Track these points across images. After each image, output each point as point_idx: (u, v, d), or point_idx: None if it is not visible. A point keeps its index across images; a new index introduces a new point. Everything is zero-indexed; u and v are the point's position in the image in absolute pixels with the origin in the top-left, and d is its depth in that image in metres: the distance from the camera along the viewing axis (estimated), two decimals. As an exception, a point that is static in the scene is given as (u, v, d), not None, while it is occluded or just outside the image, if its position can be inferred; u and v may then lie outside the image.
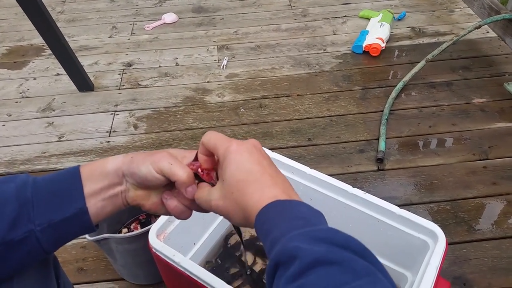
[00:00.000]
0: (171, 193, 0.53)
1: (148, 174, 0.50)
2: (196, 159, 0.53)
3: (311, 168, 1.01)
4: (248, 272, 1.08)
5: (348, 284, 0.34)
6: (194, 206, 0.53)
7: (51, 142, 1.59)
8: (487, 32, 2.02)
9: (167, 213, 0.54)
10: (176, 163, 0.50)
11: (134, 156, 0.52)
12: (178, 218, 0.54)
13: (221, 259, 1.10)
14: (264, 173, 0.47)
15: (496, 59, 1.87)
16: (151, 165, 0.50)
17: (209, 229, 1.09)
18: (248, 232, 1.15)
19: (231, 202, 0.47)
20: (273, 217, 0.43)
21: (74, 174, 0.51)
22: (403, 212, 0.92)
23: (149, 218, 1.25)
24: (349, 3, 2.29)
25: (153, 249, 0.86)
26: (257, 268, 1.09)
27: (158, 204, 0.54)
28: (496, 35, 1.99)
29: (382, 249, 0.98)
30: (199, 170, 0.52)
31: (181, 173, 0.50)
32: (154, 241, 0.86)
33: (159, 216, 1.27)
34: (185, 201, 0.52)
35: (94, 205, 0.50)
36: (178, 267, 0.83)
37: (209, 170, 0.53)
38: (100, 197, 0.51)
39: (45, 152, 1.55)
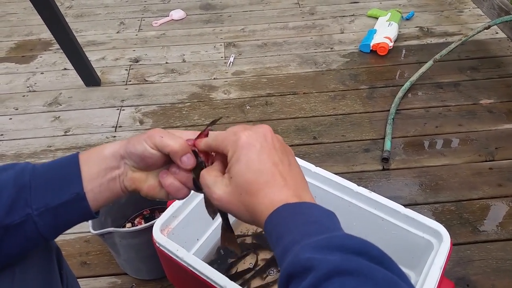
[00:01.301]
0: (167, 171, 0.52)
1: (145, 151, 0.49)
2: (198, 138, 0.51)
3: (316, 166, 1.01)
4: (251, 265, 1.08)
5: None
6: (190, 183, 0.52)
7: (57, 136, 1.60)
8: (496, 32, 2.00)
9: (166, 196, 0.53)
10: (167, 135, 0.50)
11: (130, 139, 0.52)
12: (175, 198, 0.53)
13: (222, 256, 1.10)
14: (274, 174, 0.44)
15: (505, 60, 1.85)
16: (145, 142, 0.49)
17: (213, 225, 1.09)
18: (244, 227, 1.15)
19: (237, 202, 0.45)
20: (283, 223, 0.41)
21: (72, 160, 0.51)
22: (408, 212, 0.91)
23: (153, 213, 1.25)
24: (357, 2, 2.28)
25: (156, 244, 0.86)
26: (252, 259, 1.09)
27: (155, 187, 0.53)
28: (505, 35, 1.97)
29: (386, 248, 0.97)
30: (196, 148, 0.51)
31: (172, 143, 0.49)
32: (158, 235, 0.86)
33: (163, 211, 1.27)
34: (181, 177, 0.51)
35: (92, 190, 0.50)
36: (182, 262, 0.83)
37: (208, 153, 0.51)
38: (97, 182, 0.50)
39: (51, 146, 1.55)
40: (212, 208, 0.52)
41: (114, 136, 1.58)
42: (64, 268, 0.60)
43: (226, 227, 0.55)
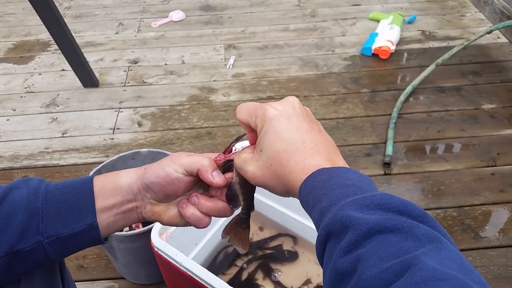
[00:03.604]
0: (187, 201, 0.51)
1: (170, 174, 0.48)
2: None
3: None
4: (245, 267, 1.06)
5: (410, 252, 0.31)
6: (212, 212, 0.51)
7: (55, 137, 1.58)
8: (498, 37, 1.99)
9: (186, 224, 0.52)
10: (193, 154, 0.50)
11: (147, 167, 0.50)
12: (196, 227, 0.52)
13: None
14: (305, 141, 0.43)
15: (506, 65, 1.84)
16: (168, 166, 0.49)
17: (212, 230, 1.08)
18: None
19: (270, 174, 0.44)
20: (319, 186, 0.40)
21: (87, 187, 0.49)
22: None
23: (151, 216, 1.23)
24: (359, 5, 2.27)
25: (155, 248, 0.84)
26: (252, 267, 1.08)
27: (176, 217, 0.52)
28: (507, 40, 1.96)
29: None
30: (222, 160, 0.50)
31: (201, 158, 0.49)
32: (157, 240, 0.84)
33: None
34: (202, 207, 0.50)
35: (106, 220, 0.49)
36: (180, 267, 0.81)
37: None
38: (112, 213, 0.50)
39: (48, 148, 1.54)
40: (235, 202, 0.51)
41: (112, 138, 1.56)
42: (65, 272, 0.59)
43: (245, 221, 0.53)
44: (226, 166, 0.51)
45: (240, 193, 0.50)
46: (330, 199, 0.39)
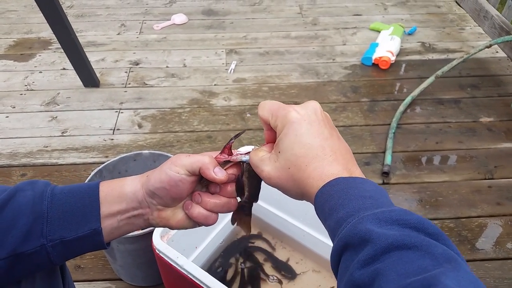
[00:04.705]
0: (191, 202, 0.51)
1: (173, 177, 0.49)
2: (222, 152, 0.52)
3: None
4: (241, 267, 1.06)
5: (429, 271, 0.31)
6: (217, 208, 0.51)
7: (54, 136, 1.57)
8: (497, 52, 2.02)
9: (195, 225, 0.53)
10: (193, 154, 0.50)
11: (149, 174, 0.51)
12: (206, 225, 0.52)
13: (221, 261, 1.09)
14: (324, 148, 0.44)
15: (504, 79, 1.86)
16: (169, 169, 0.49)
17: (212, 233, 1.08)
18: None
19: (286, 176, 0.45)
20: (336, 196, 0.40)
21: (93, 192, 0.50)
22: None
23: (150, 218, 1.23)
24: (360, 15, 2.29)
25: (156, 251, 0.84)
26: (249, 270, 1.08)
27: (184, 220, 0.52)
28: (505, 55, 1.99)
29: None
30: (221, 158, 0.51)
31: (201, 157, 0.49)
32: (158, 242, 0.84)
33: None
34: (206, 204, 0.51)
35: (109, 225, 0.50)
36: (181, 270, 0.81)
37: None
38: (116, 219, 0.50)
39: (47, 146, 1.53)
40: (242, 191, 0.52)
41: (112, 139, 1.56)
42: (66, 273, 0.59)
43: (248, 209, 0.54)
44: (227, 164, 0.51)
45: (246, 186, 0.51)
46: (347, 210, 0.39)
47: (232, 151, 0.52)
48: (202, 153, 0.51)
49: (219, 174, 0.49)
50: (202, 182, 0.52)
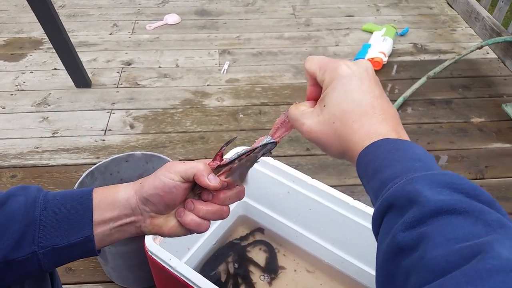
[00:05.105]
0: (184, 209, 0.51)
1: (168, 183, 0.48)
2: (214, 160, 0.52)
3: (312, 179, 1.00)
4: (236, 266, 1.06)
5: (481, 237, 0.29)
6: (209, 215, 0.51)
7: (45, 137, 1.56)
8: (487, 53, 2.03)
9: (187, 232, 0.52)
10: (187, 162, 0.50)
11: (143, 181, 0.51)
12: (198, 232, 0.52)
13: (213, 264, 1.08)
14: (374, 106, 0.42)
15: (495, 80, 1.88)
16: (163, 176, 0.49)
17: (205, 234, 1.07)
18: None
19: (329, 131, 0.43)
20: (382, 157, 0.39)
21: (86, 199, 0.49)
22: (404, 228, 0.91)
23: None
24: (353, 16, 2.30)
25: (149, 253, 0.83)
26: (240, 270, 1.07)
27: (176, 227, 0.52)
28: (496, 56, 2.01)
29: (380, 264, 0.97)
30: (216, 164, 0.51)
31: (196, 164, 0.49)
32: (151, 244, 0.84)
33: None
34: (198, 211, 0.51)
35: (101, 232, 0.49)
36: (174, 272, 0.81)
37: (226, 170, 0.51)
38: (108, 226, 0.50)
39: (38, 147, 1.52)
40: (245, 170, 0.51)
41: (104, 140, 1.55)
42: (55, 277, 0.58)
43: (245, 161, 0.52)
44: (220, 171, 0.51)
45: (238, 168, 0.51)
46: (394, 171, 0.37)
47: (223, 158, 0.52)
48: (197, 160, 0.51)
49: (213, 181, 0.49)
50: (195, 189, 0.52)
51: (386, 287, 0.34)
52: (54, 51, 1.67)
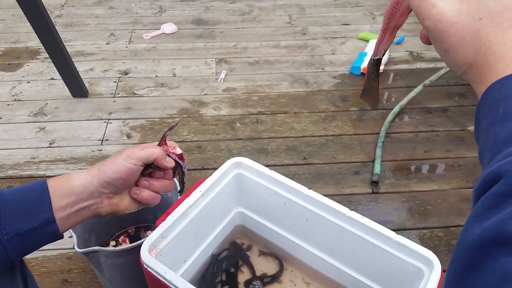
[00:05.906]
0: (137, 187, 0.62)
1: (131, 168, 0.57)
2: (161, 145, 0.64)
3: (308, 189, 1.00)
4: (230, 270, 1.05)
5: None
6: (162, 189, 0.63)
7: (42, 147, 1.55)
8: (483, 60, 2.04)
9: (140, 206, 0.63)
10: (145, 148, 0.59)
11: (100, 167, 0.57)
12: (152, 205, 0.63)
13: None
14: None
15: (491, 88, 1.88)
16: (126, 161, 0.57)
17: (201, 246, 1.07)
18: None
19: (469, 28, 0.32)
20: None
21: (41, 187, 0.53)
22: (400, 238, 0.90)
23: (138, 231, 1.22)
24: (349, 24, 2.31)
25: (144, 265, 0.83)
26: (242, 279, 1.07)
27: (130, 203, 0.62)
28: (491, 64, 2.01)
29: (377, 275, 0.97)
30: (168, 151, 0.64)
31: (154, 150, 0.60)
32: (146, 256, 0.83)
33: (148, 229, 1.24)
34: (153, 187, 0.62)
35: (61, 218, 0.53)
36: (170, 285, 0.80)
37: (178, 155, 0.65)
38: (66, 212, 0.54)
39: (34, 158, 1.51)
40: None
41: (100, 150, 1.55)
42: (29, 278, 0.59)
43: (375, 75, 0.55)
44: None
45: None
46: None
47: (167, 142, 0.64)
48: (150, 145, 0.61)
49: (170, 163, 0.62)
50: (145, 170, 0.62)
51: (462, 277, 0.27)
52: (51, 61, 1.67)
